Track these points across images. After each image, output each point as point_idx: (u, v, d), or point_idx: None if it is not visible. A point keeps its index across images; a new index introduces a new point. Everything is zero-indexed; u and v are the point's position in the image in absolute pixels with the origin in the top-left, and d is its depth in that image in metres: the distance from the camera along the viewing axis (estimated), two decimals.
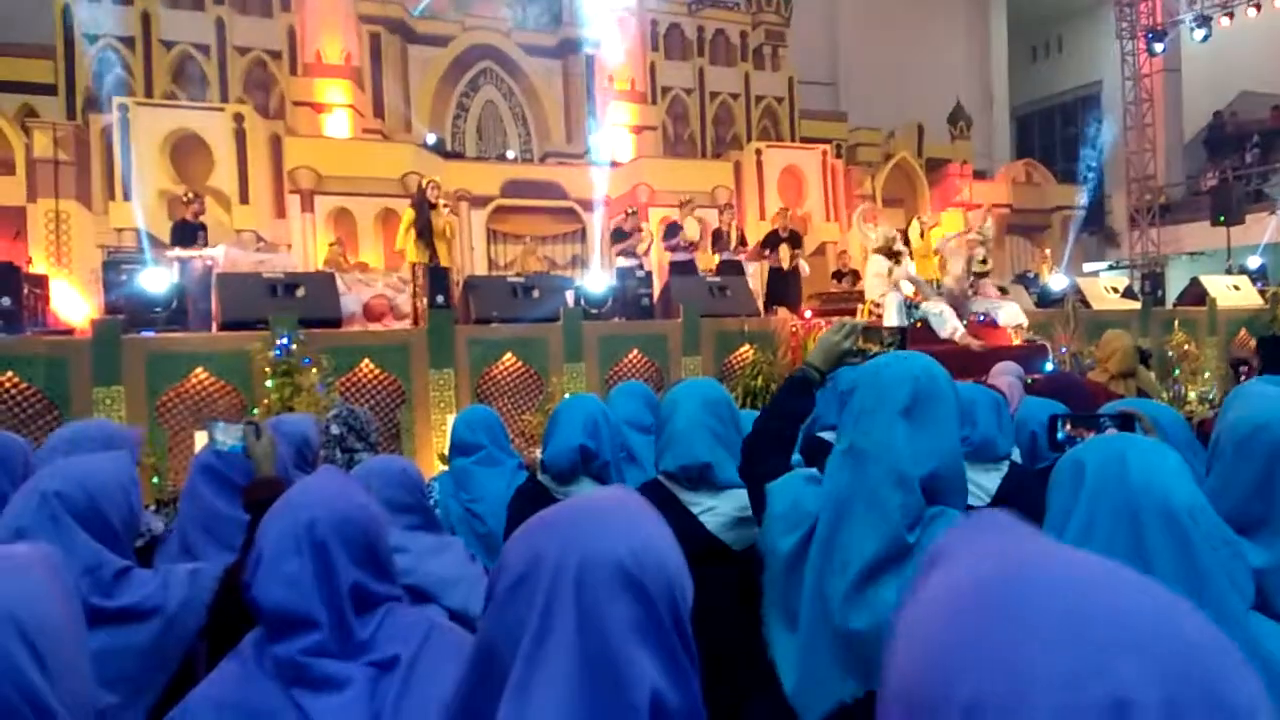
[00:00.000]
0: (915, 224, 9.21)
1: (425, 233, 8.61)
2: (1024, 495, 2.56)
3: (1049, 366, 7.39)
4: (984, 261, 8.05)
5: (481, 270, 12.39)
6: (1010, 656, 0.47)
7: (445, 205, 9.04)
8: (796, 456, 2.12)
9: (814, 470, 1.76)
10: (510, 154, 14.73)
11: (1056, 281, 10.95)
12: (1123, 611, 0.47)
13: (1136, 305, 10.37)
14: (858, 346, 1.98)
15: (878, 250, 8.18)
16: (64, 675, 0.88)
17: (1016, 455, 2.88)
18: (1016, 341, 7.97)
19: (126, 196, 10.85)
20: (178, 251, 8.66)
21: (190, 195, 9.50)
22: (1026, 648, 0.46)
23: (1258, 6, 15.91)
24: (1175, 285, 12.91)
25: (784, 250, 10.53)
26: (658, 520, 0.93)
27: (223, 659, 1.39)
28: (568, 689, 0.80)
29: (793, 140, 16.25)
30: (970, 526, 0.63)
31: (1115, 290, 10.86)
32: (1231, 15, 16.29)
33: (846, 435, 1.57)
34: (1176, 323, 10.06)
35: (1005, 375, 4.68)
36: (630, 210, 10.94)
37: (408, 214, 8.85)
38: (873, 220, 8.64)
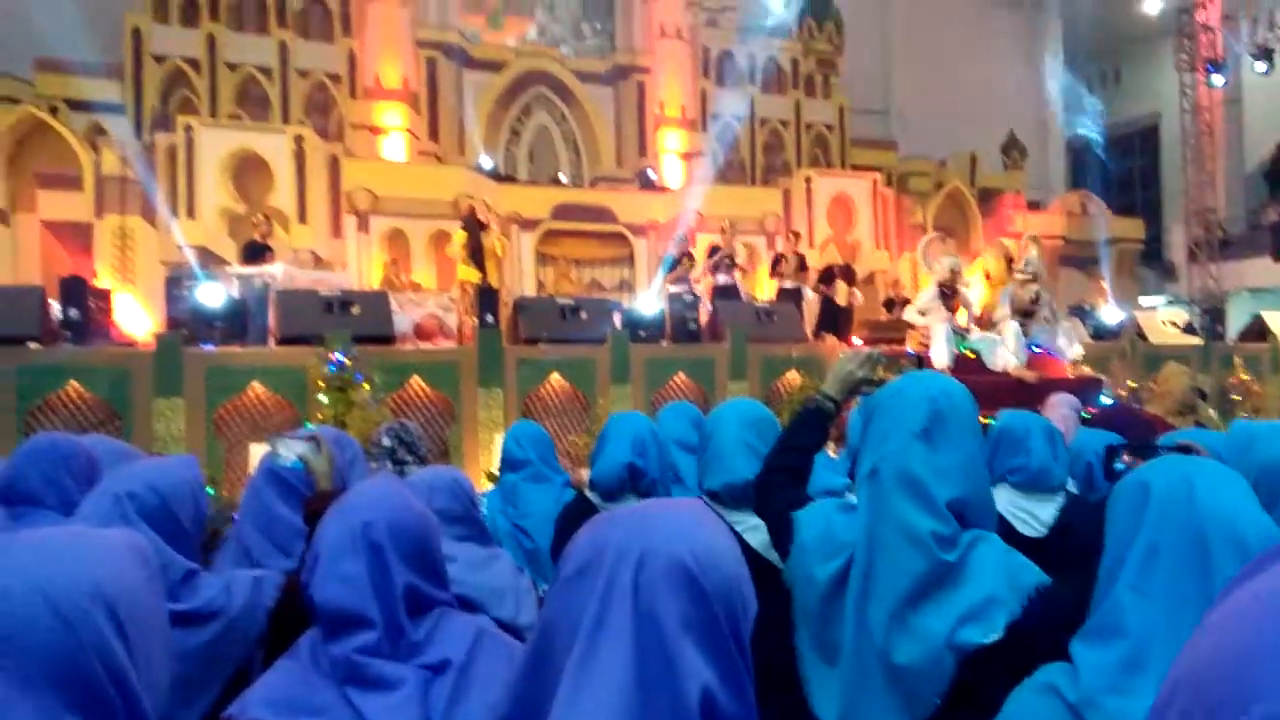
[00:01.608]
0: (987, 255, 8.96)
1: (475, 253, 8.74)
2: (1082, 526, 2.51)
3: (1105, 400, 7.24)
4: (1034, 300, 7.83)
5: (530, 292, 12.51)
6: None
7: (495, 227, 9.18)
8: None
9: (845, 498, 1.75)
10: (562, 178, 14.90)
11: (1111, 314, 10.75)
12: None
13: (1196, 340, 10.14)
14: (876, 375, 1.95)
15: (940, 282, 8.07)
16: (147, 659, 0.90)
17: (1072, 486, 2.84)
18: (1072, 374, 7.83)
19: (190, 214, 11.17)
20: (238, 268, 8.88)
21: (260, 218, 9.79)
22: None
23: None
24: (1236, 321, 12.59)
25: (841, 286, 10.52)
26: (725, 532, 0.95)
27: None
28: (623, 676, 0.81)
29: (843, 168, 16.20)
30: None
31: (1174, 325, 10.62)
32: None
33: (868, 460, 1.55)
34: (1237, 359, 9.81)
35: (1061, 407, 4.61)
36: (677, 237, 11.02)
37: (459, 235, 8.99)
38: (936, 252, 8.47)
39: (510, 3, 15.76)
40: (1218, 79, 17.34)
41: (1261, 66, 16.52)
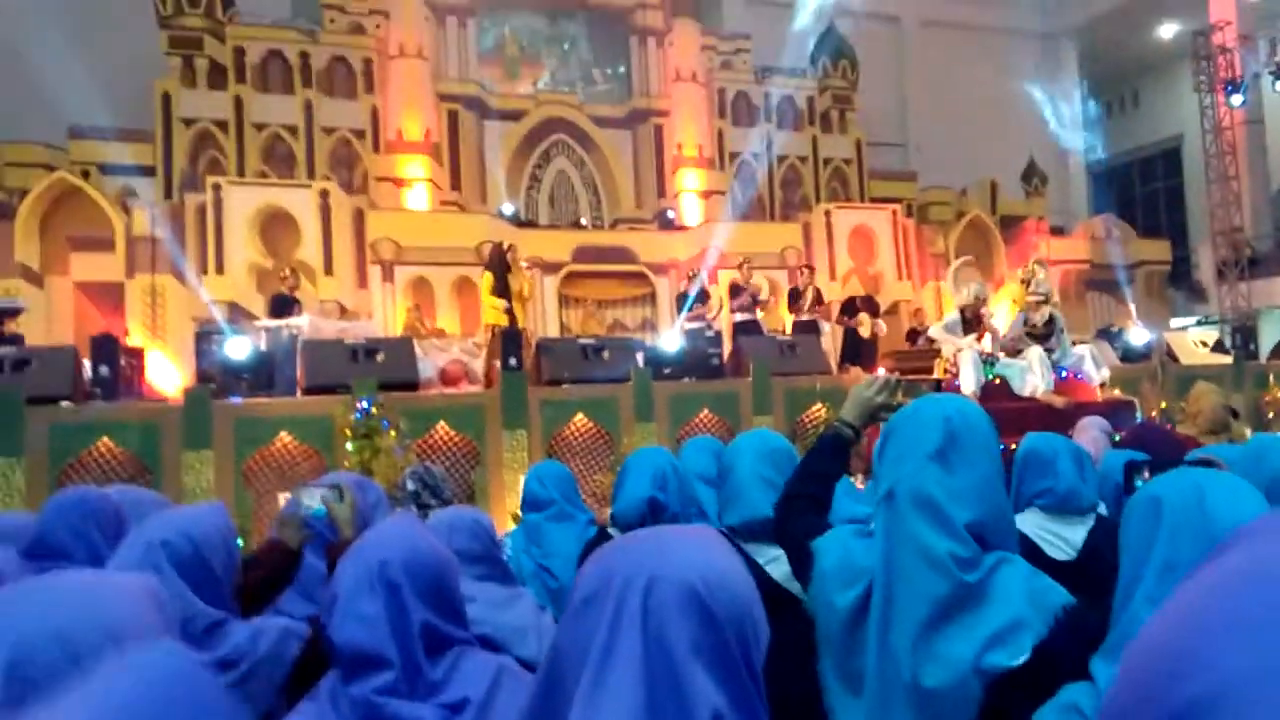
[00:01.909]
0: (1010, 282, 8.88)
1: (504, 294, 8.81)
2: (1111, 547, 2.47)
3: (1138, 421, 7.13)
4: (1050, 321, 7.71)
5: (554, 333, 12.58)
6: (1255, 658, 0.42)
7: (526, 265, 9.24)
8: None
9: (863, 525, 1.72)
10: (583, 220, 15.06)
11: (1138, 336, 10.63)
12: None
13: (1227, 360, 9.98)
14: (894, 401, 1.93)
15: (961, 307, 8.02)
16: None
17: (1103, 509, 2.79)
18: (1101, 397, 7.72)
19: (220, 270, 11.39)
20: (265, 321, 9.02)
21: (287, 272, 9.97)
22: (1272, 653, 0.42)
23: None
24: (1268, 339, 12.39)
25: (864, 319, 10.50)
26: (735, 557, 0.94)
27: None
28: (633, 703, 0.81)
29: (862, 200, 16.24)
30: (1261, 527, 0.56)
31: (1205, 344, 10.48)
32: None
33: (884, 483, 1.53)
34: (1271, 377, 9.64)
35: (1091, 430, 4.55)
36: (691, 273, 11.07)
37: (486, 277, 9.05)
38: (968, 276, 8.37)
39: (526, 52, 16.05)
40: (1236, 99, 17.26)
41: None
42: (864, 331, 10.47)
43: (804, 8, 17.33)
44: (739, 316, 10.55)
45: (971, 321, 7.87)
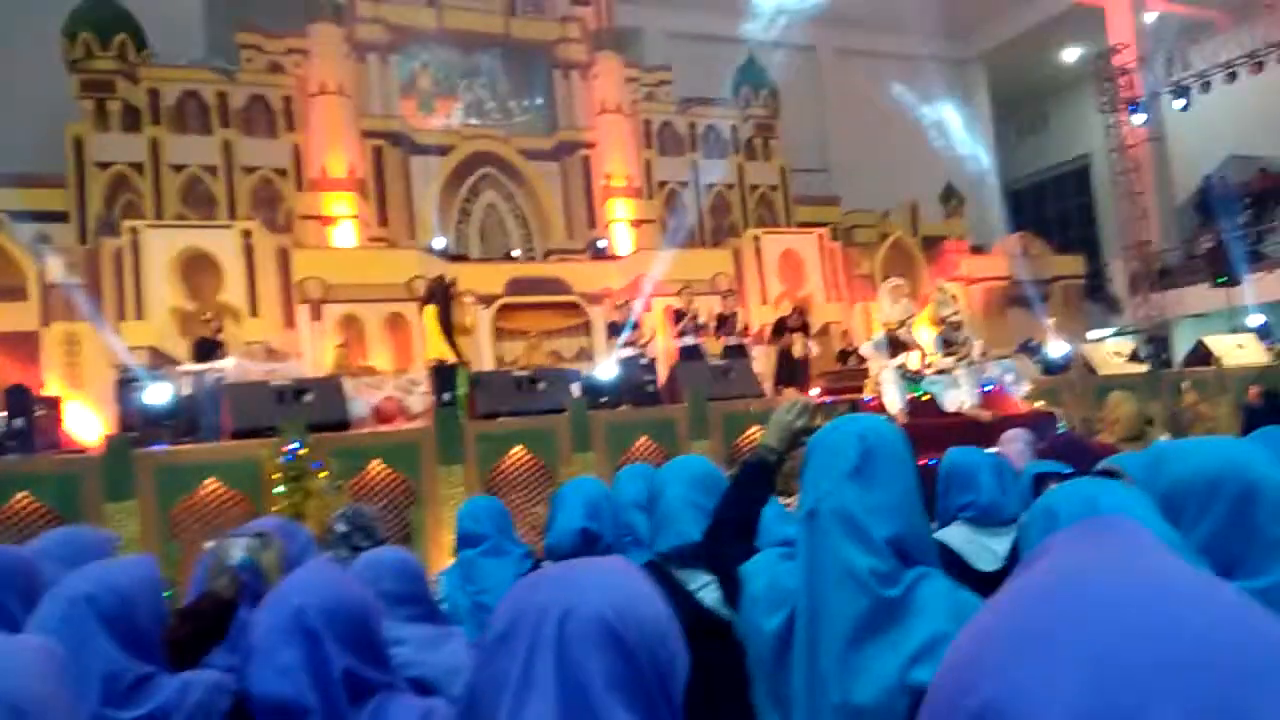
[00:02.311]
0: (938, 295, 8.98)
1: (447, 328, 8.70)
2: None
3: (1059, 432, 7.34)
4: (963, 343, 7.84)
5: (489, 367, 12.49)
6: (1031, 661, 0.44)
7: (470, 300, 9.13)
8: None
9: (791, 547, 1.74)
10: (514, 253, 15.03)
11: (1056, 349, 10.98)
12: (1168, 625, 0.43)
13: (1143, 369, 10.36)
14: (814, 423, 1.97)
15: (885, 326, 8.13)
16: None
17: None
18: (1024, 410, 7.93)
19: (140, 315, 11.08)
20: (188, 365, 8.78)
21: (209, 315, 9.72)
22: (1050, 655, 0.43)
23: (1232, 75, 16.32)
24: (1181, 347, 12.91)
25: (798, 339, 10.64)
26: (647, 583, 0.94)
27: None
28: None
29: (789, 225, 16.54)
30: (1084, 529, 0.59)
31: (1120, 355, 10.86)
32: (1208, 85, 16.71)
33: (806, 502, 1.55)
34: (1185, 383, 10.03)
35: (1014, 442, 4.67)
36: (623, 302, 11.14)
37: (430, 311, 8.91)
38: (899, 295, 8.41)
39: (440, 84, 16.02)
40: (1138, 118, 18.06)
41: (1179, 103, 17.25)
42: (796, 351, 10.60)
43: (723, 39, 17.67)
44: (683, 341, 10.64)
45: (897, 342, 8.01)
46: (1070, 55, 22.53)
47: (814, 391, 8.75)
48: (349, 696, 1.36)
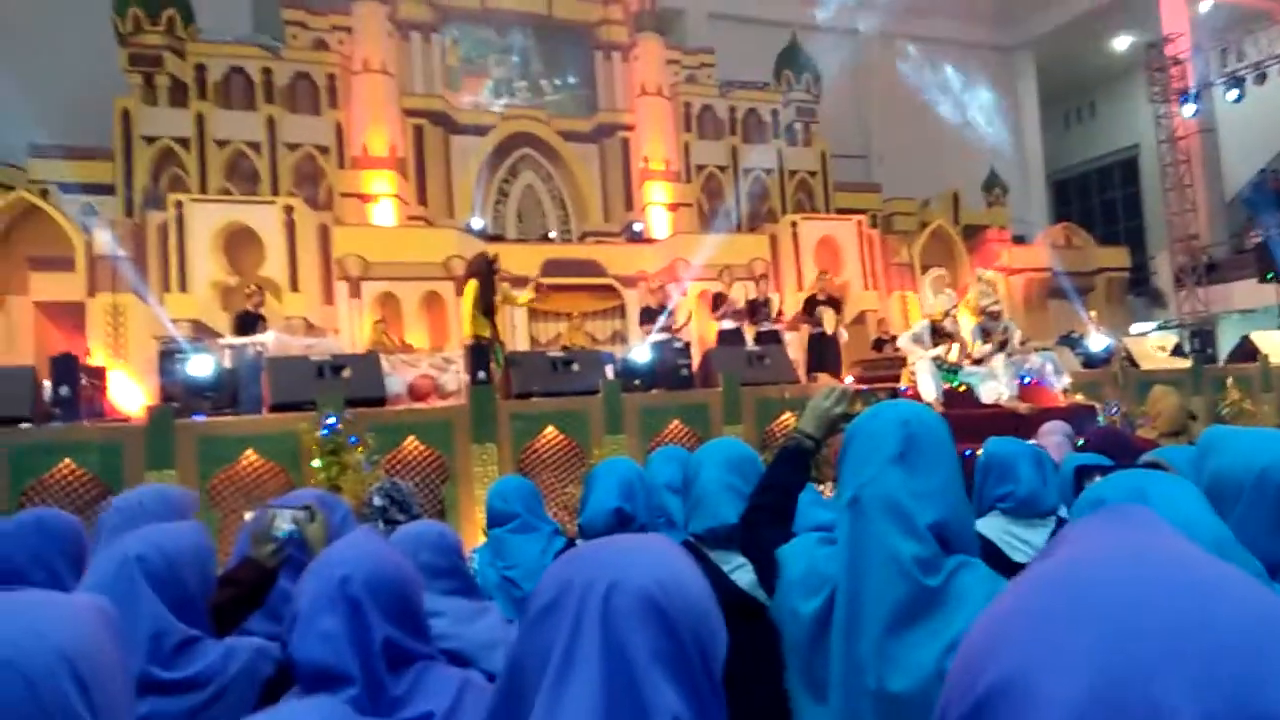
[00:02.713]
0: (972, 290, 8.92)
1: (487, 307, 8.72)
2: None
3: (1098, 425, 7.24)
4: (1002, 332, 7.78)
5: (524, 347, 12.56)
6: (1039, 641, 0.45)
7: (514, 288, 9.15)
8: None
9: (828, 532, 1.74)
10: (551, 234, 15.07)
11: (1097, 342, 10.80)
12: (1173, 607, 0.44)
13: (1186, 364, 10.17)
14: (852, 409, 1.96)
15: (929, 316, 8.07)
16: (111, 717, 0.90)
17: (1064, 512, 2.84)
18: (1063, 403, 7.83)
19: (183, 288, 11.26)
20: (229, 339, 8.92)
21: (252, 288, 9.84)
22: (1058, 634, 0.44)
23: None
24: (1227, 343, 12.65)
25: (827, 314, 10.56)
26: (691, 563, 0.95)
27: None
28: (592, 711, 0.81)
29: (828, 212, 16.40)
30: (1103, 516, 0.61)
31: (1164, 349, 10.67)
32: (1264, 78, 16.28)
33: (847, 488, 1.55)
34: (1229, 380, 9.83)
35: (1053, 435, 4.62)
36: (657, 285, 11.13)
37: (472, 286, 8.92)
38: (940, 286, 8.36)
39: (481, 64, 16.03)
40: (1189, 109, 17.65)
41: (1233, 95, 16.83)
42: (827, 326, 10.51)
43: (767, 22, 17.50)
44: (725, 325, 10.63)
45: (941, 332, 7.95)
46: (1121, 44, 22.06)
47: (848, 380, 8.69)
48: (389, 665, 1.38)
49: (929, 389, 7.34)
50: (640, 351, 8.85)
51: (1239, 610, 0.44)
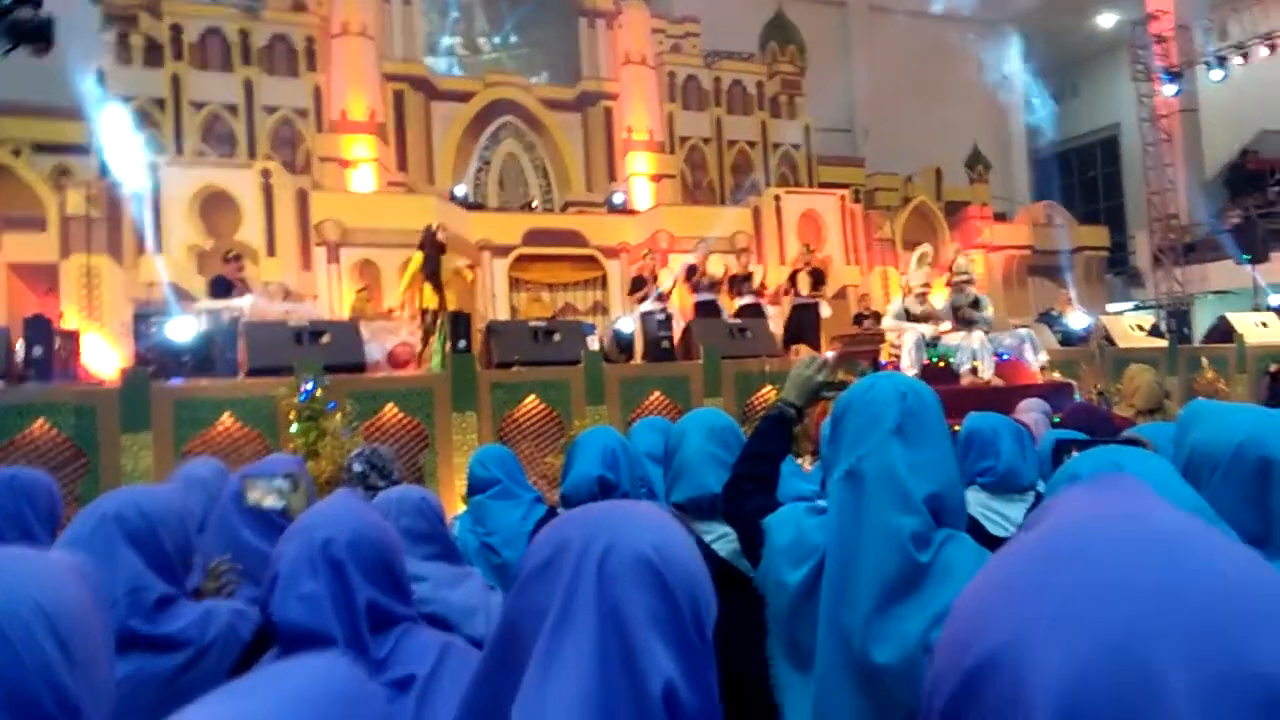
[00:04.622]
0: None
1: (434, 277, 8.70)
2: None
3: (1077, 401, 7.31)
4: (974, 304, 7.84)
5: (504, 317, 12.50)
6: (1029, 611, 0.45)
7: (467, 264, 9.13)
8: None
9: (815, 501, 1.74)
10: (533, 203, 14.97)
11: (1077, 320, 10.89)
12: (1164, 573, 0.44)
13: (1163, 343, 10.28)
14: (835, 378, 1.96)
15: (905, 291, 8.10)
16: (91, 680, 0.89)
17: (1042, 487, 2.86)
18: (1041, 380, 7.89)
19: (157, 251, 11.10)
20: (206, 303, 8.80)
21: (233, 253, 9.73)
22: (1048, 604, 0.44)
23: (1271, 46, 15.94)
24: (1202, 324, 12.80)
25: (803, 279, 10.58)
26: (683, 530, 0.95)
27: None
28: (586, 672, 0.81)
29: (811, 185, 16.37)
30: (1089, 485, 0.61)
31: (1141, 328, 10.77)
32: (1246, 56, 16.34)
33: (843, 460, 1.54)
34: (1204, 360, 9.95)
35: (1031, 411, 4.65)
36: (645, 253, 11.09)
37: (416, 258, 8.93)
38: (925, 264, 8.35)
39: (463, 29, 15.85)
40: (1172, 88, 17.69)
41: (1217, 75, 16.89)
42: (803, 289, 10.55)
43: None
44: (701, 297, 10.61)
45: (914, 309, 7.98)
46: (1106, 21, 22.07)
47: (829, 354, 8.71)
48: (371, 628, 1.37)
49: (910, 364, 7.37)
50: (628, 321, 8.85)
51: (1228, 573, 0.44)
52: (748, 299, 10.67)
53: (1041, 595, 0.45)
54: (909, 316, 7.89)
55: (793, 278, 10.88)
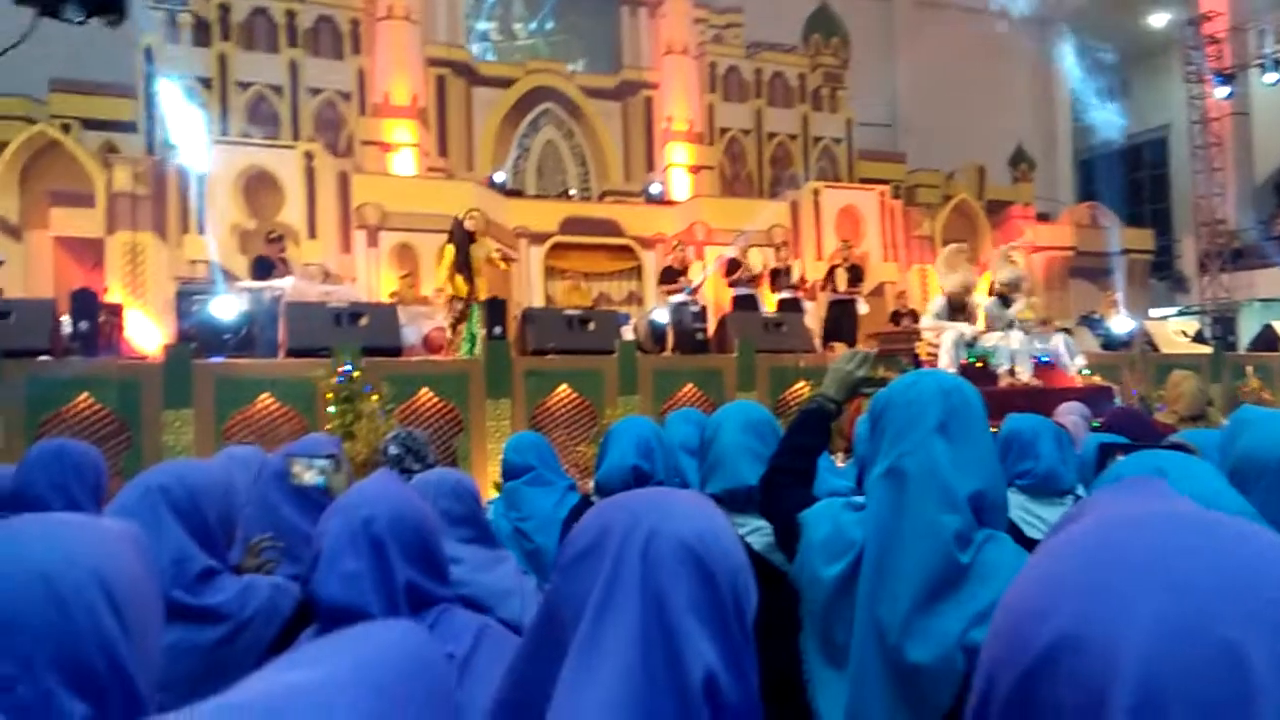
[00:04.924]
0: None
1: (465, 267, 8.74)
2: None
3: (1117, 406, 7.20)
4: (1023, 301, 7.76)
5: (539, 304, 12.54)
6: (1105, 595, 0.46)
7: (499, 254, 9.13)
8: None
9: (852, 497, 1.73)
10: (571, 191, 14.98)
11: (1121, 324, 10.71)
12: (1232, 557, 0.46)
13: (1207, 350, 10.09)
14: (876, 375, 1.94)
15: (948, 294, 8.01)
16: (143, 644, 0.91)
17: (1082, 491, 2.82)
18: (1081, 384, 7.79)
19: (201, 230, 11.26)
20: (248, 282, 8.93)
21: (276, 233, 9.82)
22: (1124, 588, 0.46)
23: None
24: (1248, 331, 12.54)
25: (840, 275, 10.51)
26: (725, 518, 0.95)
27: None
28: (627, 658, 0.81)
29: (850, 180, 16.23)
30: (1121, 487, 0.64)
31: (1185, 334, 10.59)
32: None
33: (884, 457, 1.53)
34: (1249, 368, 9.76)
35: (1071, 415, 4.59)
36: (676, 244, 11.07)
37: (448, 251, 8.99)
38: (956, 263, 8.28)
39: (506, 16, 15.87)
40: (1224, 91, 17.30)
41: (1271, 78, 16.49)
42: (840, 286, 10.50)
43: None
44: (739, 291, 10.58)
45: (958, 308, 7.89)
46: (1158, 20, 21.60)
47: (871, 350, 8.64)
48: (410, 607, 1.38)
49: (947, 363, 7.30)
50: (664, 312, 8.86)
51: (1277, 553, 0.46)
52: (786, 293, 10.62)
53: (1109, 579, 0.47)
54: (952, 312, 7.80)
55: (830, 273, 10.81)
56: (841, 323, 10.35)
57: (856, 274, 10.81)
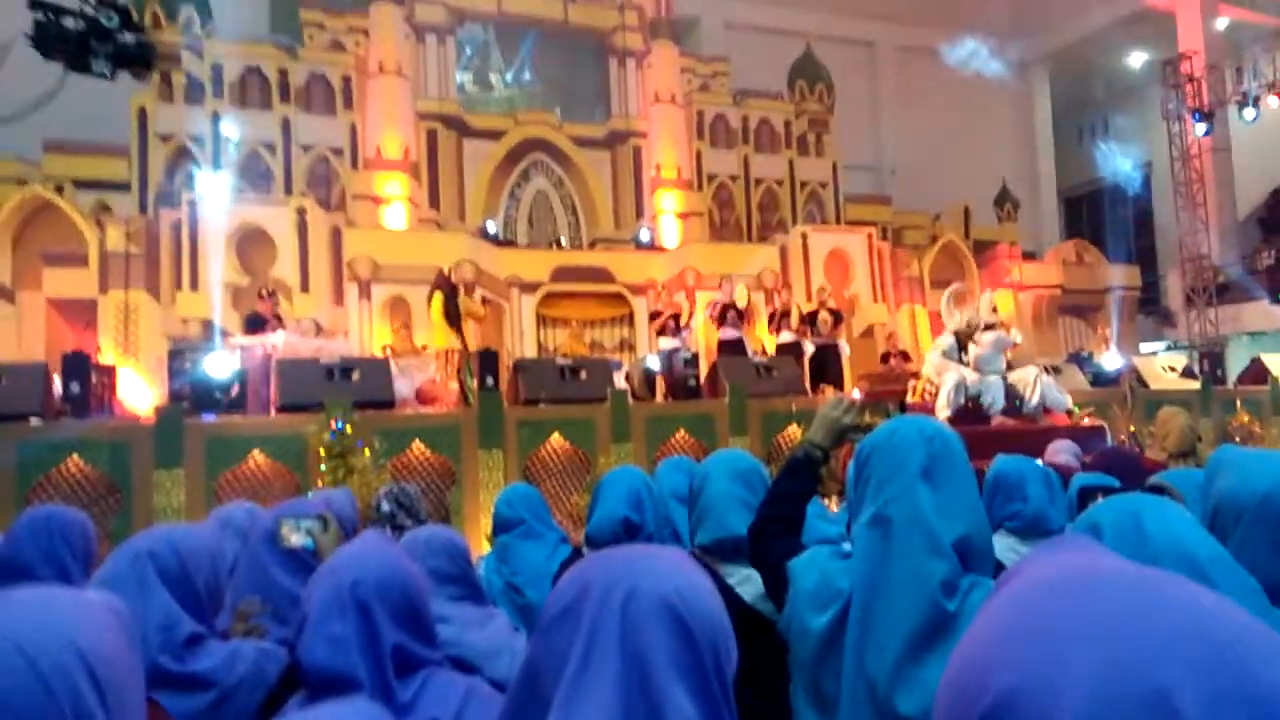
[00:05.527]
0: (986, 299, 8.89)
1: (452, 318, 8.79)
2: None
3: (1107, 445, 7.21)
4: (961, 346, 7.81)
5: (532, 354, 12.57)
6: (1046, 650, 0.48)
7: (480, 292, 9.23)
8: None
9: (840, 545, 1.73)
10: (561, 240, 15.09)
11: (1110, 361, 10.76)
12: (1160, 610, 0.48)
13: (1196, 385, 10.13)
14: (862, 420, 1.96)
15: (956, 332, 8.01)
16: (122, 714, 0.91)
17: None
18: (1072, 422, 7.80)
19: (194, 287, 11.30)
20: (240, 339, 8.95)
21: (269, 290, 9.89)
22: (1063, 642, 0.48)
23: None
24: (1236, 365, 12.60)
25: (824, 317, 10.56)
26: (705, 575, 0.95)
27: None
28: (609, 716, 0.81)
29: (838, 223, 16.39)
30: (1048, 547, 0.66)
31: (1173, 369, 10.63)
32: None
33: (869, 505, 1.53)
34: (1238, 402, 9.79)
35: (1061, 454, 4.61)
36: (661, 288, 11.14)
37: (436, 302, 9.04)
38: (961, 303, 8.34)
39: (495, 69, 16.13)
40: (1203, 128, 17.59)
41: (1249, 114, 16.78)
42: (822, 328, 10.55)
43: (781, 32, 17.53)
44: (726, 335, 10.61)
45: (964, 348, 7.92)
46: (1136, 60, 22.03)
47: (854, 393, 8.67)
48: (397, 670, 1.38)
49: (944, 404, 7.31)
50: (655, 360, 8.90)
51: (1203, 603, 0.49)
52: (787, 336, 10.66)
53: (1049, 636, 0.49)
54: (960, 351, 7.82)
55: (812, 317, 10.87)
56: (828, 366, 10.39)
57: (838, 318, 10.87)
